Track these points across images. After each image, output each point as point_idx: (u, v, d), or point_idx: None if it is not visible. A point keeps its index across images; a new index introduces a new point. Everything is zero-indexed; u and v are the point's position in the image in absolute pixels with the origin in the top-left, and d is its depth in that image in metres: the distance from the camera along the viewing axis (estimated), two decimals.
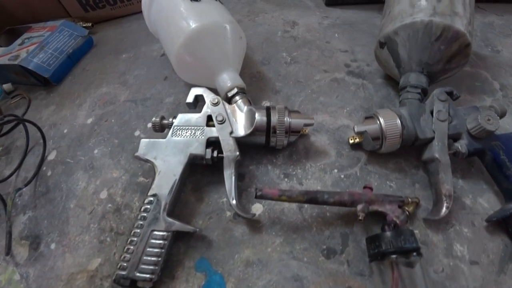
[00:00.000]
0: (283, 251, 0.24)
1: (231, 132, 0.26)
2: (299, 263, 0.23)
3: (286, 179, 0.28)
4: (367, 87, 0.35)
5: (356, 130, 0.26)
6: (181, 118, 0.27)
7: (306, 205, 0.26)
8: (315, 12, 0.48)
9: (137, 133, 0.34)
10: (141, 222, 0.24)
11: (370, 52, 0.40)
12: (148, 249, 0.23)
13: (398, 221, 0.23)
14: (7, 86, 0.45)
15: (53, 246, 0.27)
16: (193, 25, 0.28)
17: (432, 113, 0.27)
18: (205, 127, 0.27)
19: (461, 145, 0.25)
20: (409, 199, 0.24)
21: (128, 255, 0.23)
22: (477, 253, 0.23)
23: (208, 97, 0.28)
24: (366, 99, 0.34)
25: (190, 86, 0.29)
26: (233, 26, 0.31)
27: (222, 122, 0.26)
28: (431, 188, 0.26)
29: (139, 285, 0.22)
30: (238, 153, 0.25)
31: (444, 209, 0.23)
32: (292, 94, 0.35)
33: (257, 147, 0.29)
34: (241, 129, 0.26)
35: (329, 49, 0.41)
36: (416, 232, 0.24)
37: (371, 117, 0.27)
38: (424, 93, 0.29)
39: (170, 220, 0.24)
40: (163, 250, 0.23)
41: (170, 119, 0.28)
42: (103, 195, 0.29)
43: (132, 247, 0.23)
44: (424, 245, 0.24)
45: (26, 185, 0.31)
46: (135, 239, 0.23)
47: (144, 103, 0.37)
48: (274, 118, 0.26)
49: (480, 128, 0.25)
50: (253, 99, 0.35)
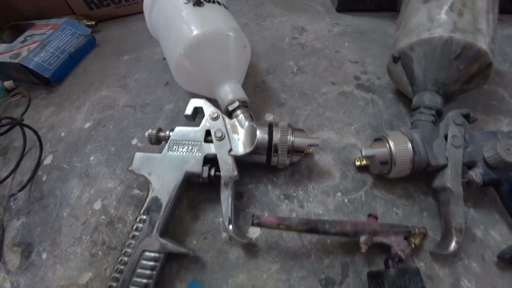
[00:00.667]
0: (279, 279, 0.23)
1: (230, 150, 0.25)
2: None
3: (286, 201, 0.26)
4: (376, 102, 0.34)
5: (364, 154, 0.25)
6: (178, 132, 0.26)
7: None
8: (325, 18, 0.46)
9: (134, 141, 0.33)
10: (132, 242, 0.23)
11: (381, 64, 0.38)
12: (139, 270, 0.22)
13: (403, 255, 0.21)
14: (8, 84, 0.45)
15: (44, 256, 0.27)
16: (194, 32, 0.27)
17: (446, 137, 0.25)
18: (203, 143, 0.25)
19: (476, 174, 0.24)
20: (416, 230, 0.23)
21: (118, 275, 0.22)
22: None
23: (208, 110, 0.26)
24: (375, 116, 0.32)
25: (191, 94, 0.28)
26: (237, 34, 0.29)
27: (221, 138, 0.25)
28: (440, 218, 0.24)
29: None
30: (236, 173, 0.24)
31: (454, 244, 0.22)
32: (297, 108, 0.33)
33: (258, 165, 0.27)
34: (241, 147, 0.25)
35: (338, 59, 0.39)
36: (422, 265, 0.23)
37: (380, 139, 0.26)
38: (439, 115, 0.27)
39: (163, 240, 0.23)
40: (154, 272, 0.22)
41: (167, 132, 0.27)
42: (97, 205, 0.29)
43: (122, 266, 0.22)
44: (429, 279, 0.22)
45: (20, 190, 0.31)
46: (126, 258, 0.22)
47: (143, 109, 0.36)
48: (277, 137, 0.25)
49: (498, 158, 0.23)
50: (255, 111, 0.33)
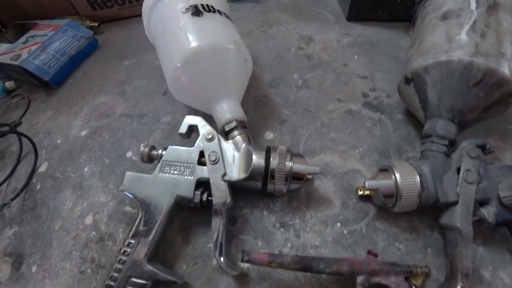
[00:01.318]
0: None
1: (224, 175, 0.23)
2: None
3: (282, 229, 0.25)
4: (385, 123, 0.31)
5: (367, 186, 0.23)
6: (171, 152, 0.25)
7: None
8: (334, 27, 0.44)
9: (129, 154, 0.32)
10: (120, 266, 0.22)
11: (392, 80, 0.36)
12: None
13: None
14: (9, 84, 0.44)
15: (34, 269, 0.26)
16: (191, 45, 0.25)
17: (458, 170, 0.23)
18: (196, 165, 0.24)
19: (489, 213, 0.22)
20: (418, 269, 0.21)
21: None
22: None
23: (202, 129, 0.25)
24: (383, 138, 0.30)
25: (189, 106, 0.27)
26: (237, 47, 0.27)
27: (214, 162, 0.24)
28: (446, 257, 0.22)
29: None
30: (229, 200, 0.23)
31: None
32: (300, 126, 0.32)
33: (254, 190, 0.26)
34: (236, 172, 0.24)
35: (346, 73, 0.37)
36: None
37: (386, 170, 0.24)
38: (452, 145, 0.25)
39: (150, 267, 0.22)
40: None
41: (160, 151, 0.25)
42: (88, 220, 0.28)
43: None
44: None
45: (13, 199, 0.30)
46: (112, 283, 0.22)
47: (140, 120, 0.35)
48: (274, 162, 0.23)
49: None
50: (255, 128, 0.32)
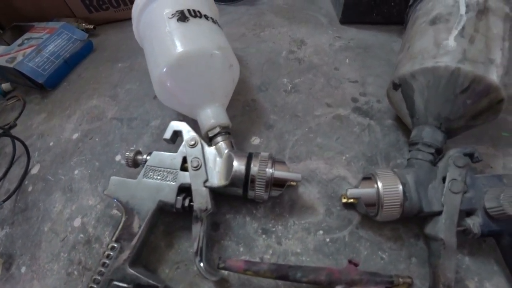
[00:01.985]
0: None
1: (206, 181, 0.23)
2: None
3: (264, 236, 0.25)
4: (373, 129, 0.31)
5: (349, 194, 0.23)
6: (155, 157, 0.25)
7: None
8: (327, 30, 0.43)
9: (118, 157, 0.32)
10: (102, 269, 0.22)
11: (384, 84, 0.35)
12: None
13: None
14: (5, 86, 0.45)
15: (23, 270, 0.27)
16: (176, 50, 0.25)
17: (444, 179, 0.22)
18: (178, 171, 0.24)
19: (474, 224, 0.21)
20: (400, 279, 0.21)
21: None
22: None
23: (186, 135, 0.25)
24: (371, 145, 0.30)
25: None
26: (223, 53, 0.27)
27: (196, 168, 0.24)
28: (430, 268, 0.22)
29: None
30: (210, 206, 0.23)
31: None
32: (287, 131, 0.31)
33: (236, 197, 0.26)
34: (217, 178, 0.24)
35: (336, 77, 0.36)
36: None
37: (369, 178, 0.24)
38: (438, 153, 0.24)
39: (132, 272, 0.22)
40: None
41: (145, 156, 0.26)
42: (77, 222, 0.29)
43: None
44: None
45: (5, 200, 0.31)
46: (95, 286, 0.22)
47: (130, 123, 0.35)
48: (254, 169, 0.23)
49: (501, 211, 0.20)
50: (242, 133, 0.32)
